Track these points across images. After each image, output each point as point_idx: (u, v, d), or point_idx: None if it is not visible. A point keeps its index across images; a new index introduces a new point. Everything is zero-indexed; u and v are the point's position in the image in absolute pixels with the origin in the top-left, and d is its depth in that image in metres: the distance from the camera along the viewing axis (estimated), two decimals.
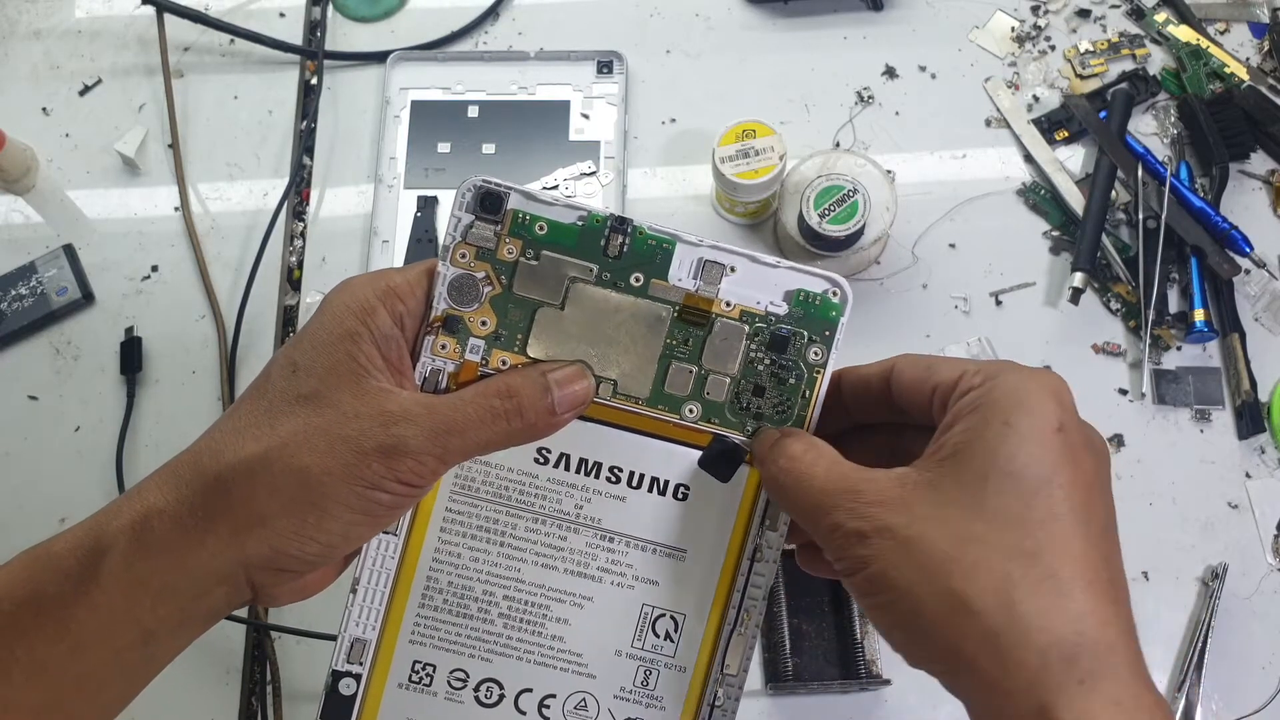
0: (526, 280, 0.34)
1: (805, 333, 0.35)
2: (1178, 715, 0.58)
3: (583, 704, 0.35)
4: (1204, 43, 0.72)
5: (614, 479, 0.35)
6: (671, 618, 0.35)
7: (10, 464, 0.67)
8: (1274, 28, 0.73)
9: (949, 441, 0.30)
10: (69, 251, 0.71)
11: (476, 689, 0.35)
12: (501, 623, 0.35)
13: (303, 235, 0.72)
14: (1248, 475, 0.64)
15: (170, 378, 0.69)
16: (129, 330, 0.69)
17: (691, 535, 0.35)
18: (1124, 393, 0.65)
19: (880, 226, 0.64)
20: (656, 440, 0.35)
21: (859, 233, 0.62)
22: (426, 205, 0.71)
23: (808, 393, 0.35)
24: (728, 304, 0.34)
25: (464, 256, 0.34)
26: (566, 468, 0.35)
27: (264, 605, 0.33)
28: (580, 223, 0.34)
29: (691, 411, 0.35)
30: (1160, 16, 0.74)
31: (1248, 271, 0.67)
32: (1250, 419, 0.64)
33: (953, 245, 0.69)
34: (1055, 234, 0.69)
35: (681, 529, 0.35)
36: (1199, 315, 0.65)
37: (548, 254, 0.34)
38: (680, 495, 0.35)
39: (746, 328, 0.34)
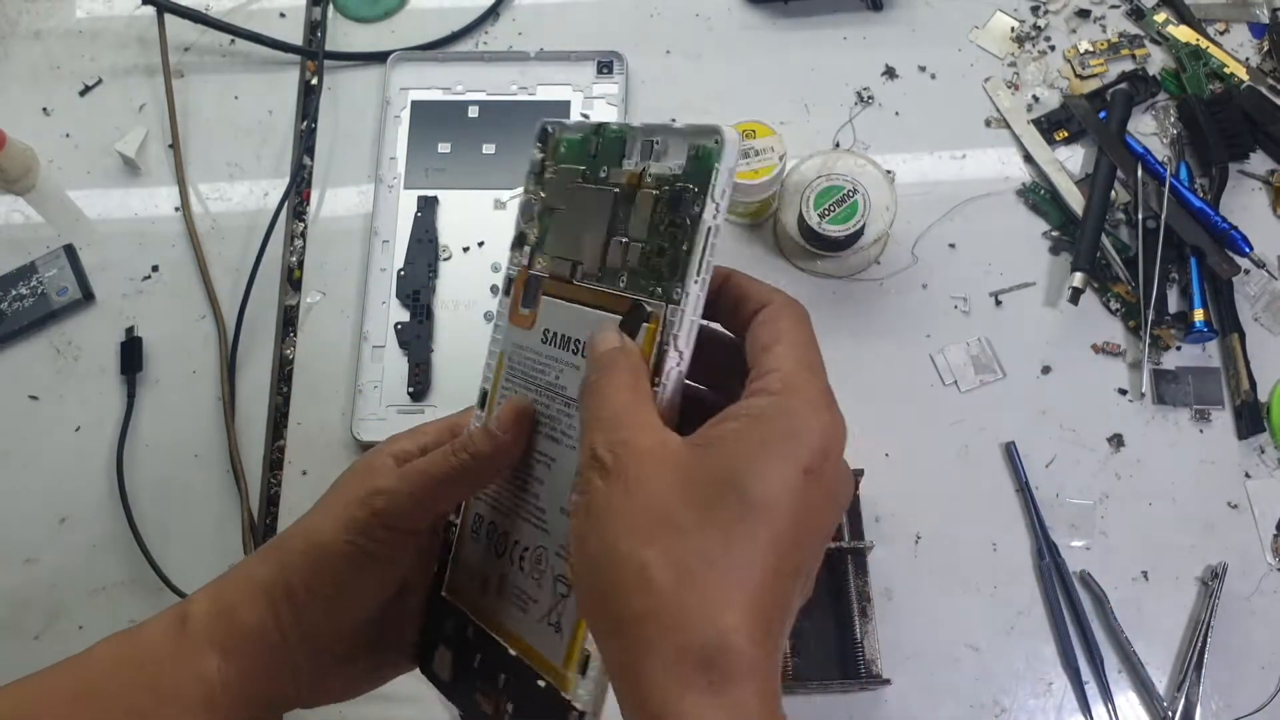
0: (551, 192, 0.39)
1: (693, 186, 0.34)
2: (1178, 715, 0.58)
3: (539, 558, 0.37)
4: (1204, 43, 0.72)
5: (575, 350, 0.37)
6: None
7: (10, 464, 0.67)
8: (1273, 28, 0.73)
9: (716, 432, 0.31)
10: (69, 251, 0.71)
11: (489, 536, 0.39)
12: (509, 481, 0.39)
13: (303, 235, 0.72)
14: (1247, 475, 0.64)
15: (170, 378, 0.69)
16: (129, 330, 0.69)
17: None
18: (1124, 393, 0.65)
19: (880, 226, 0.64)
20: (598, 311, 0.36)
21: (859, 233, 0.63)
22: (426, 205, 0.71)
23: (687, 245, 0.34)
24: (651, 177, 0.35)
25: (529, 185, 0.40)
26: (556, 344, 0.38)
27: (309, 700, 0.40)
28: (580, 134, 0.39)
29: (622, 282, 0.36)
30: (1160, 17, 0.74)
31: (1247, 271, 0.67)
32: (1250, 419, 0.64)
33: (952, 245, 0.69)
34: (1055, 234, 0.69)
35: None
36: (1198, 315, 0.65)
37: (561, 167, 0.39)
38: None
39: (655, 193, 0.35)
